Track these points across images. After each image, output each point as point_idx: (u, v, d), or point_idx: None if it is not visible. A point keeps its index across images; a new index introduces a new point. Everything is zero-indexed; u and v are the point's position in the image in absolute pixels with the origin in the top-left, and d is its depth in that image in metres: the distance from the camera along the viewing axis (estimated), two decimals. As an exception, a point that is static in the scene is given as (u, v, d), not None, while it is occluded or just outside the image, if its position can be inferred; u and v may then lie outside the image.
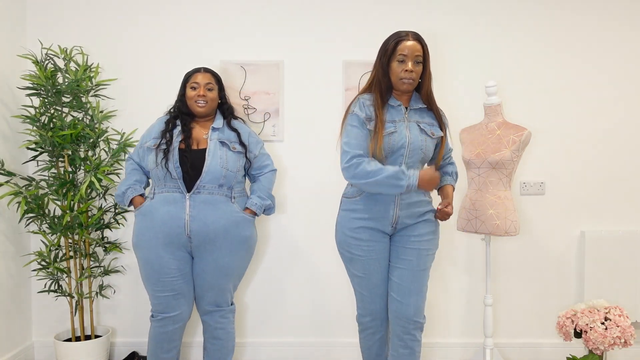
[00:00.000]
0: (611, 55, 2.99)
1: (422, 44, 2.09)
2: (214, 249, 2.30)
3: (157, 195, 2.31)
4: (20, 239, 2.91)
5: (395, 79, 2.09)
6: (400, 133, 2.09)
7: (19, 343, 2.90)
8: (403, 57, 2.06)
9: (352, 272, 2.22)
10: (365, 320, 2.26)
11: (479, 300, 3.04)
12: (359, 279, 2.20)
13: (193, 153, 2.29)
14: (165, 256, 2.27)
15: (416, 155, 2.12)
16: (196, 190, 2.26)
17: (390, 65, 2.10)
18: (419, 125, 2.14)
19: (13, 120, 2.83)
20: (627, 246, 2.93)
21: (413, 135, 2.11)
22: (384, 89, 2.11)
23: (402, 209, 2.14)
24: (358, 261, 2.17)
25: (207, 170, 2.26)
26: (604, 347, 2.32)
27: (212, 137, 2.34)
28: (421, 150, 2.12)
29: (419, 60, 2.08)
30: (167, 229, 2.26)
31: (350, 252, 2.17)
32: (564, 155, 3.01)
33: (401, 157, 2.10)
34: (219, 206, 2.29)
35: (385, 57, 2.10)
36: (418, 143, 2.11)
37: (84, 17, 2.96)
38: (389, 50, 2.08)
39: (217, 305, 2.40)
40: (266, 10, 2.98)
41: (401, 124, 2.11)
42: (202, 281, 2.35)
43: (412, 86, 2.10)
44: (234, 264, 2.35)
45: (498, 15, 2.98)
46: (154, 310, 2.36)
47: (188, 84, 2.39)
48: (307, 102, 2.98)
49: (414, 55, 2.06)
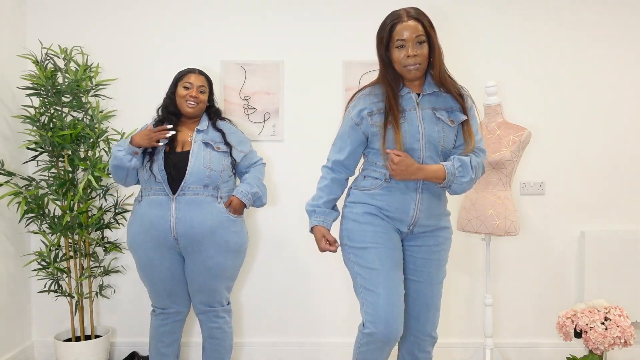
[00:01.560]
0: (611, 55, 2.99)
1: (421, 21, 1.81)
2: (202, 249, 2.30)
3: (145, 199, 2.33)
4: (20, 239, 2.91)
5: (400, 67, 1.84)
6: (411, 124, 1.85)
7: (19, 343, 2.90)
8: (402, 41, 1.80)
9: (364, 266, 1.87)
10: (377, 329, 1.80)
11: (479, 300, 3.04)
12: (375, 272, 1.84)
13: (177, 155, 2.29)
14: (155, 258, 2.30)
15: (433, 148, 1.88)
16: (181, 191, 2.26)
17: (390, 54, 1.85)
18: (434, 113, 1.88)
19: (13, 120, 2.83)
20: (627, 246, 2.92)
21: (427, 126, 1.86)
22: (392, 81, 1.87)
23: (422, 210, 1.91)
24: (373, 251, 1.86)
25: (191, 171, 2.26)
26: (604, 347, 2.32)
27: (197, 138, 2.34)
28: (438, 142, 1.87)
29: (422, 40, 1.81)
30: (155, 232, 2.28)
31: (364, 240, 1.88)
32: (564, 155, 3.00)
33: (418, 152, 1.86)
34: (205, 206, 2.28)
35: (382, 46, 1.86)
36: (434, 134, 1.86)
37: (84, 17, 2.96)
38: (385, 37, 1.84)
39: (209, 305, 2.40)
40: (266, 10, 2.98)
41: (412, 113, 1.86)
42: (192, 282, 2.36)
43: (420, 71, 1.84)
44: (223, 264, 2.33)
45: (498, 15, 2.98)
46: (153, 304, 2.43)
47: (180, 83, 2.37)
48: (307, 102, 2.98)
49: (414, 37, 1.79)
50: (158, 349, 2.42)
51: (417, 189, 1.90)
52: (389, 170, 1.85)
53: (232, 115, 2.96)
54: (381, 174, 1.91)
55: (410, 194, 1.90)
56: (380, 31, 1.87)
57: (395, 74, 1.88)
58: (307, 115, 2.98)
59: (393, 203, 1.90)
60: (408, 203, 1.90)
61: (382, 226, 1.90)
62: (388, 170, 1.88)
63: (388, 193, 1.90)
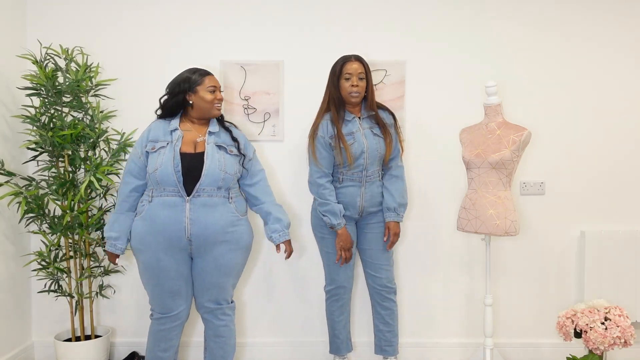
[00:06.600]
0: (612, 56, 2.99)
1: (363, 64, 2.55)
2: (214, 248, 2.31)
3: (156, 199, 2.30)
4: (20, 239, 2.91)
5: (345, 93, 2.55)
6: (358, 142, 2.55)
7: (19, 343, 2.90)
8: (349, 75, 2.52)
9: (323, 249, 2.68)
10: (330, 288, 2.71)
11: (479, 300, 3.04)
12: (328, 254, 2.66)
13: (191, 157, 2.29)
14: (165, 259, 2.28)
15: (374, 156, 2.58)
16: (196, 193, 2.26)
17: (339, 83, 2.55)
18: (372, 131, 2.59)
19: (13, 120, 2.83)
20: (627, 246, 2.93)
21: (369, 141, 2.57)
22: (337, 105, 2.57)
23: (366, 200, 2.61)
24: (328, 240, 2.64)
25: (206, 173, 2.26)
26: (604, 347, 2.32)
27: (209, 140, 2.34)
28: (377, 151, 2.58)
29: (362, 77, 2.54)
30: (167, 233, 2.27)
31: (322, 232, 2.65)
32: (564, 155, 3.01)
33: (363, 161, 2.56)
34: (218, 208, 2.30)
35: (335, 77, 2.56)
36: (374, 146, 2.57)
37: (84, 17, 2.96)
38: (337, 71, 2.55)
39: (217, 303, 2.41)
40: (266, 10, 2.98)
41: (358, 134, 2.57)
42: (202, 280, 2.36)
43: (359, 98, 2.56)
44: (234, 262, 2.36)
45: (498, 14, 2.98)
46: (153, 309, 2.39)
47: (202, 87, 2.33)
48: (307, 102, 2.98)
49: (358, 73, 2.53)
50: (155, 353, 2.40)
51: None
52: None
53: (232, 115, 2.96)
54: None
55: (356, 191, 2.62)
56: (335, 66, 2.57)
57: (341, 99, 2.57)
58: (307, 115, 2.97)
59: (344, 199, 2.63)
60: (355, 197, 2.62)
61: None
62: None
63: (339, 193, 2.63)
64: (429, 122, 2.97)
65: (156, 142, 2.32)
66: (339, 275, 2.68)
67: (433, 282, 3.04)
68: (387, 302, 2.70)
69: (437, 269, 3.04)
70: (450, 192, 3.01)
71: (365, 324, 3.02)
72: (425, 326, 3.06)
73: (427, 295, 3.05)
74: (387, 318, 2.70)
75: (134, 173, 2.35)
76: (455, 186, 3.00)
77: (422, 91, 2.99)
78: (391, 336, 2.73)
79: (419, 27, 2.98)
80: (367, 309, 2.97)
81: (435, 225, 3.02)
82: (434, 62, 2.99)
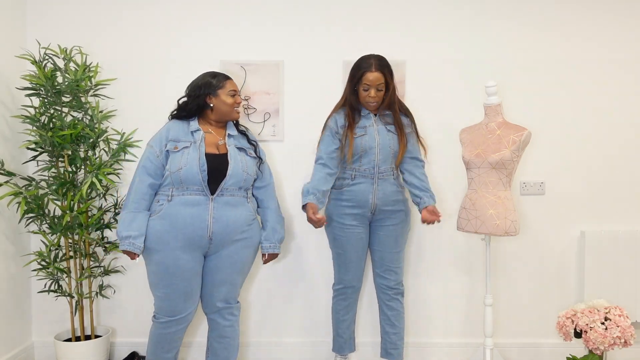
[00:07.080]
0: (612, 56, 2.99)
1: (383, 73, 2.49)
2: (230, 246, 2.36)
3: (177, 198, 2.29)
4: (20, 239, 2.91)
5: (362, 100, 2.55)
6: (370, 136, 2.55)
7: (19, 343, 2.90)
8: (367, 86, 2.50)
9: (334, 249, 2.69)
10: (338, 287, 2.71)
11: (479, 300, 3.04)
12: (339, 254, 2.67)
13: (214, 157, 2.33)
14: (183, 257, 2.28)
15: (386, 152, 2.57)
16: (220, 192, 2.31)
17: (357, 90, 2.54)
18: (386, 128, 2.58)
19: (13, 120, 2.82)
20: (627, 246, 2.93)
21: (381, 137, 2.56)
22: (354, 105, 2.57)
23: (378, 198, 2.58)
24: (339, 240, 2.63)
25: (231, 173, 2.32)
26: (604, 347, 2.32)
27: (230, 143, 2.40)
28: (389, 147, 2.57)
29: (381, 88, 2.51)
30: (189, 231, 2.27)
31: (333, 232, 2.65)
32: (564, 155, 3.01)
33: (374, 156, 2.55)
34: (238, 207, 2.36)
35: (353, 83, 2.54)
36: (387, 142, 2.57)
37: (84, 17, 2.96)
38: (356, 78, 2.52)
39: (227, 302, 2.42)
40: (266, 10, 2.98)
41: (371, 129, 2.56)
42: (214, 277, 2.38)
43: (377, 106, 2.57)
44: (246, 259, 2.42)
45: (498, 14, 2.98)
46: (158, 312, 2.35)
47: (223, 90, 2.37)
48: (307, 102, 2.98)
49: (376, 85, 2.49)
50: (157, 354, 2.39)
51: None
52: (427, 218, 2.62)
53: (232, 115, 2.96)
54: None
55: (368, 188, 2.59)
56: (354, 72, 2.53)
57: (358, 101, 2.57)
58: (307, 115, 2.98)
59: (356, 197, 2.60)
60: (367, 195, 2.59)
61: (350, 221, 2.63)
62: None
63: (351, 191, 2.61)
64: (428, 122, 2.97)
65: (177, 141, 2.33)
66: (348, 275, 2.67)
67: (433, 282, 3.04)
68: (393, 303, 2.69)
69: (437, 269, 3.04)
70: (450, 192, 3.01)
71: (369, 324, 3.03)
72: (425, 326, 3.06)
73: (427, 295, 3.05)
74: (394, 319, 2.69)
75: (150, 172, 2.33)
76: (455, 186, 3.00)
77: (422, 91, 2.99)
78: (397, 339, 2.71)
79: (419, 27, 2.98)
80: (372, 310, 2.99)
81: (436, 225, 3.02)
82: (434, 62, 2.99)
